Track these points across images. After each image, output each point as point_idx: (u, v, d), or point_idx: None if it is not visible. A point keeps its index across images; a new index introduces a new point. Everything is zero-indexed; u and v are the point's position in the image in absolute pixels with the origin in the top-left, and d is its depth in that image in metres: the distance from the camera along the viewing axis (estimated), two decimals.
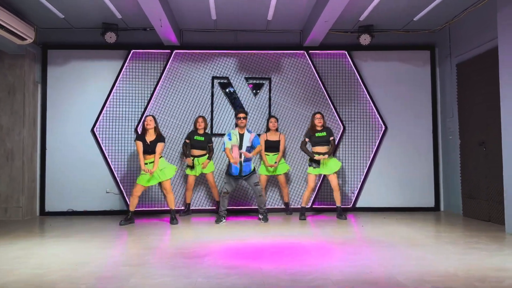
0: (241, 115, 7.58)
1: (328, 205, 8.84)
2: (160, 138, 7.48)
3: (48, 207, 8.65)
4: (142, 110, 8.79)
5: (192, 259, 4.93)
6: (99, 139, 8.73)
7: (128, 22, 8.50)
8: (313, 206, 8.84)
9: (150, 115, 7.56)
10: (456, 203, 8.51)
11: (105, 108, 8.77)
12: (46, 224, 7.66)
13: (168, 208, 7.99)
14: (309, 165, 7.84)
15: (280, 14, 8.15)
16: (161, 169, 7.37)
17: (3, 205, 8.15)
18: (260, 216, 7.67)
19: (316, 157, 7.70)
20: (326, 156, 7.70)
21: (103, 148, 8.74)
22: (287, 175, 8.73)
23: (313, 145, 7.85)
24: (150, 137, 7.44)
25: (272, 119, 8.40)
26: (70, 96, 8.80)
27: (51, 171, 8.69)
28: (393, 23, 8.67)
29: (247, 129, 7.66)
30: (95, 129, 8.73)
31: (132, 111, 8.83)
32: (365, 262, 4.74)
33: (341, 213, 7.91)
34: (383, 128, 8.97)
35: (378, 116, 8.97)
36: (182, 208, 8.64)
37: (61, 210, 8.64)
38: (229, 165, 7.53)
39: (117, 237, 6.41)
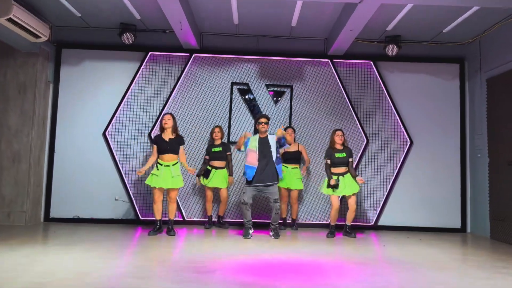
0: (263, 119, 7.26)
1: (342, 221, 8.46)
2: (180, 139, 7.24)
3: (53, 213, 8.31)
4: (157, 114, 8.51)
5: (202, 274, 4.65)
6: (111, 144, 8.43)
7: (147, 23, 8.31)
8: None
9: (169, 113, 7.25)
10: (483, 225, 8.17)
11: (118, 111, 8.50)
12: (50, 231, 7.38)
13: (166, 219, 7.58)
14: (327, 187, 7.41)
15: (305, 21, 7.98)
16: (173, 177, 7.01)
17: (6, 209, 7.80)
18: (271, 233, 7.23)
19: (332, 181, 7.30)
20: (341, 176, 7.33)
21: (114, 153, 8.41)
22: (300, 192, 8.37)
23: (332, 166, 7.48)
24: (169, 136, 7.15)
25: (290, 130, 8.13)
26: (82, 97, 8.53)
27: (58, 175, 8.38)
28: (422, 34, 8.46)
29: (269, 133, 7.33)
30: (106, 132, 8.44)
31: (146, 116, 8.54)
32: (384, 284, 4.42)
33: (351, 231, 7.50)
34: (409, 143, 8.65)
35: (403, 130, 8.66)
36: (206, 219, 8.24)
37: (66, 216, 8.29)
38: (245, 172, 7.19)
39: (124, 247, 6.14)
